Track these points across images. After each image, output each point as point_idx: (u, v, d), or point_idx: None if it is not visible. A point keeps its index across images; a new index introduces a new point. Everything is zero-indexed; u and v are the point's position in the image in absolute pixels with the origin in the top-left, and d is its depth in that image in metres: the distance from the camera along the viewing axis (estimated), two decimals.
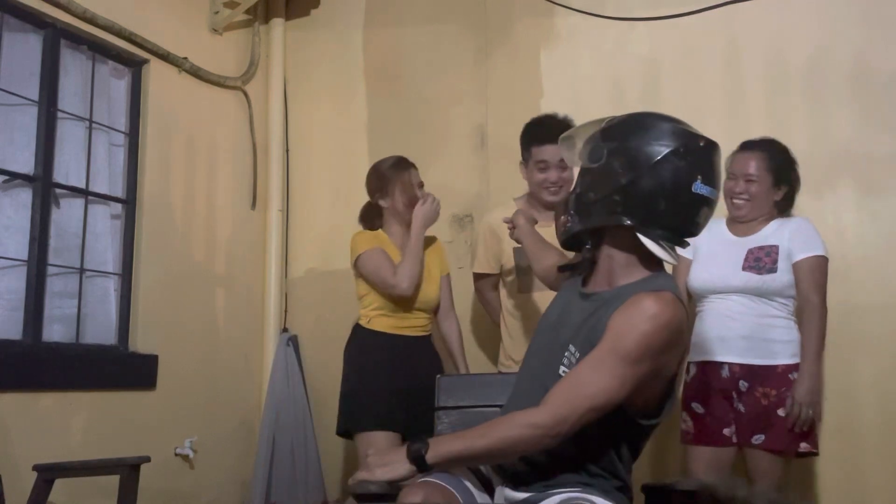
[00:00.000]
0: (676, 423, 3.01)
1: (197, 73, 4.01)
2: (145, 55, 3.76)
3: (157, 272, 3.73)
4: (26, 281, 3.24)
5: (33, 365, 3.20)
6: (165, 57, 3.83)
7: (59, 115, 3.41)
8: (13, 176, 3.24)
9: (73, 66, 3.50)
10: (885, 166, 3.25)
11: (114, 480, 2.93)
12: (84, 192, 3.50)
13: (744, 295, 2.84)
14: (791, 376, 2.77)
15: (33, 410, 3.14)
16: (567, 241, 2.00)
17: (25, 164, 3.29)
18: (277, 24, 4.46)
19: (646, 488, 2.24)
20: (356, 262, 3.14)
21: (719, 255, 2.91)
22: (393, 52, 4.25)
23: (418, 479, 1.85)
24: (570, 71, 3.83)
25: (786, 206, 2.94)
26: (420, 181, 3.23)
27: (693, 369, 2.93)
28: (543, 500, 1.83)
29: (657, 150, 1.81)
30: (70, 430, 3.26)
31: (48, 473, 2.91)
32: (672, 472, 3.36)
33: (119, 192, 3.69)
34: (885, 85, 3.28)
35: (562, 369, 1.84)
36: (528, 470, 1.90)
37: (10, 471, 2.90)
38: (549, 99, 3.83)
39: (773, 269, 2.82)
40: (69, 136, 3.46)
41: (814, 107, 3.37)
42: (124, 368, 3.58)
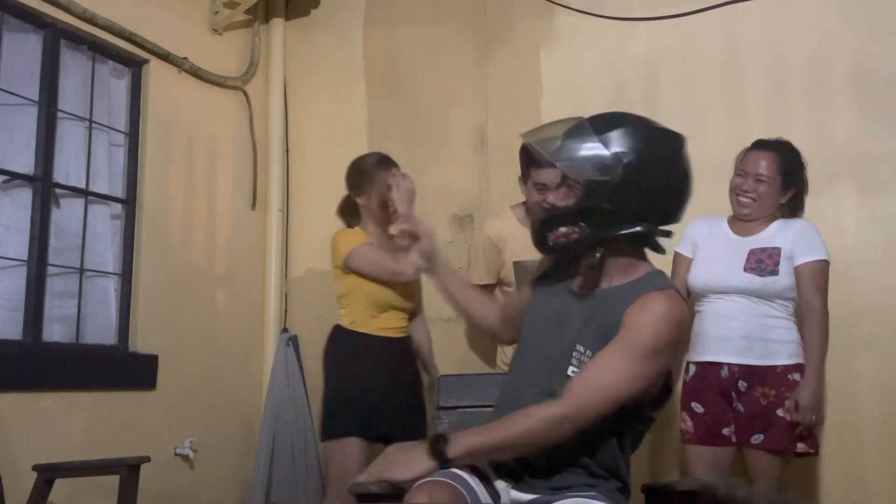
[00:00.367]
0: (676, 422, 3.01)
1: (197, 73, 4.01)
2: (145, 55, 3.76)
3: (157, 272, 3.73)
4: (26, 281, 3.24)
5: (33, 365, 3.20)
6: (165, 57, 3.83)
7: (59, 115, 3.41)
8: (13, 176, 3.24)
9: (73, 66, 3.50)
10: (885, 166, 3.25)
11: (114, 480, 2.93)
12: (84, 192, 3.50)
13: (744, 295, 2.83)
14: (790, 377, 2.77)
15: (33, 410, 3.14)
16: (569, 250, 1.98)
17: (25, 164, 3.29)
18: (277, 23, 4.46)
19: (646, 488, 2.24)
20: (346, 261, 3.10)
21: (720, 255, 2.91)
22: (393, 52, 4.25)
23: (424, 479, 1.85)
24: (570, 71, 3.82)
25: (791, 209, 2.93)
26: None
27: (692, 369, 2.93)
28: (554, 503, 1.84)
29: (666, 155, 1.90)
30: (70, 430, 3.26)
31: (48, 473, 2.91)
32: (672, 472, 3.36)
33: (119, 192, 3.69)
34: (885, 85, 3.28)
35: (571, 370, 1.86)
36: (532, 470, 1.90)
37: (10, 471, 2.90)
38: (549, 99, 3.83)
39: (774, 272, 2.81)
40: (69, 136, 3.46)
41: (814, 107, 3.37)
42: (124, 368, 3.58)
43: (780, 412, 2.73)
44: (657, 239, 1.94)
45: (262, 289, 4.29)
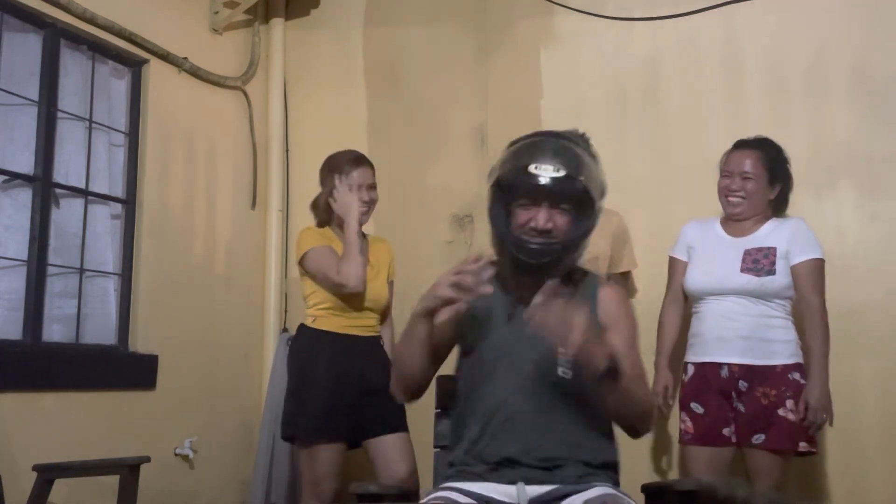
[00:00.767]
0: (675, 423, 3.01)
1: (197, 73, 4.01)
2: (145, 55, 3.76)
3: (157, 272, 3.73)
4: (26, 281, 3.23)
5: (33, 365, 3.20)
6: (165, 57, 3.83)
7: (59, 115, 3.41)
8: (13, 176, 3.24)
9: (73, 66, 3.50)
10: (885, 166, 3.25)
11: (114, 480, 2.92)
12: (84, 192, 3.50)
13: (742, 296, 2.84)
14: (790, 376, 2.77)
15: (33, 410, 3.14)
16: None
17: (25, 164, 3.29)
18: (277, 23, 4.46)
19: (646, 488, 2.24)
20: (301, 260, 3.05)
21: (716, 257, 2.91)
22: (393, 52, 4.25)
23: (436, 495, 1.89)
24: (570, 71, 3.83)
25: (781, 205, 2.95)
26: (370, 182, 3.09)
27: (691, 369, 2.93)
28: (576, 495, 1.87)
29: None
30: (70, 430, 3.25)
31: (48, 473, 2.91)
32: (672, 472, 3.36)
33: (119, 192, 3.69)
34: (885, 85, 3.28)
35: (561, 370, 1.88)
36: (542, 465, 1.94)
37: (10, 471, 2.90)
38: (549, 99, 3.84)
39: (771, 271, 2.82)
40: (69, 136, 3.46)
41: (814, 107, 3.37)
42: (124, 368, 3.58)
43: (781, 412, 2.73)
44: None
45: (262, 289, 4.29)
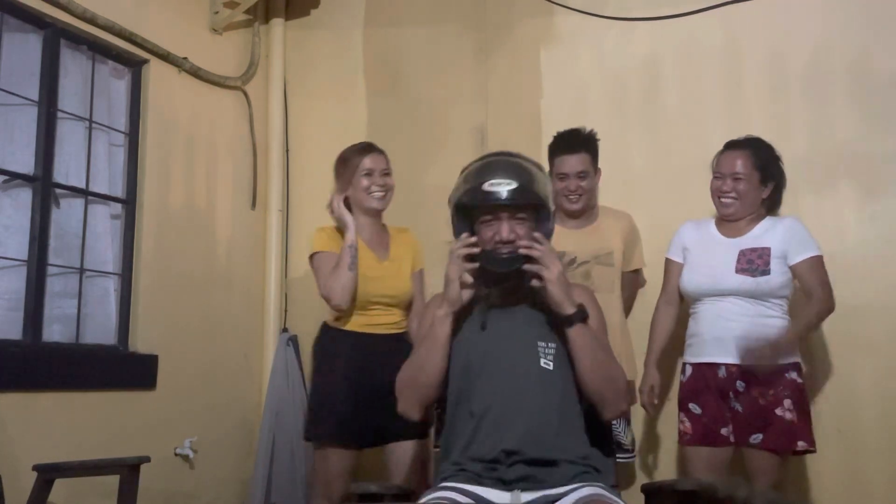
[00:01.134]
0: (674, 423, 3.01)
1: (197, 73, 4.01)
2: (145, 55, 3.76)
3: (157, 272, 3.73)
4: (26, 281, 3.23)
5: (33, 365, 3.20)
6: (165, 57, 3.83)
7: (59, 115, 3.41)
8: (13, 176, 3.24)
9: (73, 66, 3.50)
10: (885, 166, 3.25)
11: (114, 480, 2.92)
12: (84, 192, 3.50)
13: (738, 296, 2.84)
14: (788, 375, 2.77)
15: (33, 410, 3.14)
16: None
17: (25, 164, 3.29)
18: (277, 24, 4.46)
19: (645, 488, 2.25)
20: (309, 261, 3.01)
21: (711, 258, 2.92)
22: (393, 52, 4.25)
23: (435, 495, 1.92)
24: (570, 71, 3.83)
25: (773, 204, 2.95)
26: (383, 168, 3.00)
27: (689, 370, 2.93)
28: (568, 496, 1.90)
29: None
30: (70, 430, 3.26)
31: (48, 473, 2.91)
32: (671, 473, 3.36)
33: (119, 192, 3.69)
34: (885, 85, 3.28)
35: (542, 361, 2.06)
36: (536, 460, 1.97)
37: (10, 471, 2.90)
38: (549, 99, 3.84)
39: (766, 271, 2.82)
40: (69, 136, 3.46)
41: (814, 107, 3.37)
42: (124, 368, 3.58)
43: (778, 411, 2.73)
44: None
45: (262, 289, 4.29)
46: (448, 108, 4.06)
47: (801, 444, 2.76)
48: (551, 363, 2.06)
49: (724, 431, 2.82)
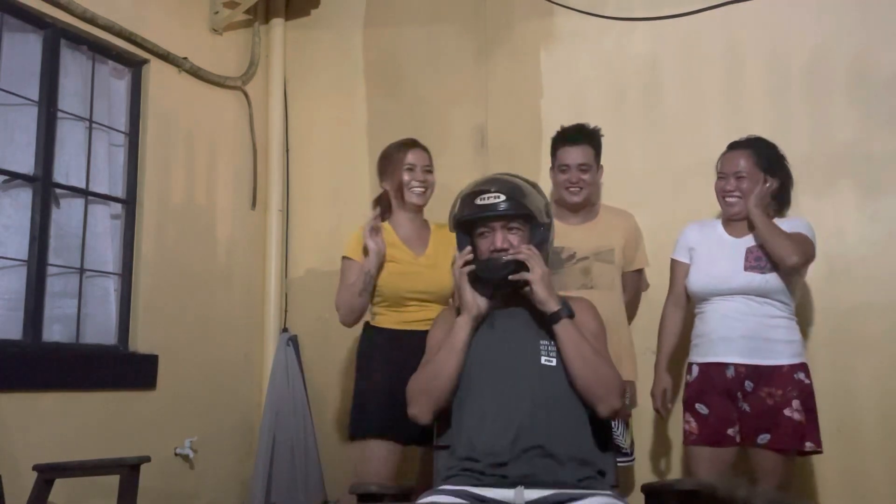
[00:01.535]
0: (676, 422, 3.01)
1: (197, 73, 4.01)
2: (145, 55, 3.76)
3: (157, 272, 3.73)
4: (26, 281, 3.24)
5: (33, 365, 3.20)
6: (165, 57, 3.83)
7: (59, 115, 3.41)
8: (13, 176, 3.24)
9: (73, 66, 3.50)
10: (885, 166, 3.25)
11: (114, 480, 2.92)
12: (84, 192, 3.50)
13: (745, 296, 2.83)
14: (796, 376, 2.77)
15: (33, 410, 3.14)
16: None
17: (25, 164, 3.29)
18: (277, 24, 4.46)
19: (646, 488, 2.25)
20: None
21: (718, 257, 2.91)
22: (393, 52, 4.25)
23: (435, 496, 1.96)
24: (570, 71, 3.82)
25: (782, 204, 2.95)
26: (425, 164, 3.01)
27: (695, 370, 2.92)
28: (574, 502, 1.94)
29: None
30: (70, 430, 3.26)
31: (48, 473, 2.91)
32: (672, 472, 3.36)
33: (119, 192, 3.69)
34: (885, 85, 3.27)
35: (544, 359, 2.19)
36: (538, 471, 1.99)
37: (10, 471, 2.90)
38: (549, 99, 3.84)
39: (774, 268, 2.82)
40: (69, 136, 3.46)
41: (814, 107, 3.37)
42: (124, 368, 3.58)
43: (786, 412, 2.73)
44: None
45: (262, 289, 4.30)
46: (448, 108, 4.05)
47: (809, 445, 2.76)
48: (554, 360, 2.19)
49: (730, 432, 2.81)
